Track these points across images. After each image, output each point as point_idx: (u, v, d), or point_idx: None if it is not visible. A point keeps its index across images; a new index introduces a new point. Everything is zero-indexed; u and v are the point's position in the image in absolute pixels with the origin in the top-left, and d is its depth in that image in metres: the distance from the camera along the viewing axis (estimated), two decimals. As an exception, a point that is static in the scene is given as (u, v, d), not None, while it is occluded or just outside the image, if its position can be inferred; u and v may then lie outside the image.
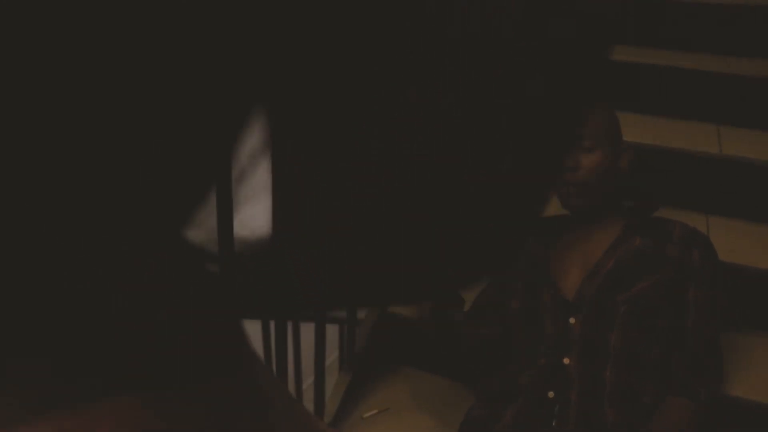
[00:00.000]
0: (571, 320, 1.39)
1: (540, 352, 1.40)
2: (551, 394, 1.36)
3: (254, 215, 0.17)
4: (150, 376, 0.20)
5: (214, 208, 0.17)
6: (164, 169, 0.15)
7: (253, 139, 0.16)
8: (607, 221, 1.46)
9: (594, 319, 1.38)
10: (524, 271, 1.49)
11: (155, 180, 0.15)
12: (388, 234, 0.18)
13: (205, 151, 0.16)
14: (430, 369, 1.81)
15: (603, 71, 0.20)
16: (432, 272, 0.21)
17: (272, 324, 1.70)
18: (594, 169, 1.39)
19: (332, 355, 2.71)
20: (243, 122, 0.15)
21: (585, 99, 0.21)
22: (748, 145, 1.88)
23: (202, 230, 0.18)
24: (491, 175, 0.19)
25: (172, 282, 0.19)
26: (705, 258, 1.40)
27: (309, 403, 1.76)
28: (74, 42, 0.13)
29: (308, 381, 2.21)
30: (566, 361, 1.37)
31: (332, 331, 2.16)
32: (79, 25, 0.13)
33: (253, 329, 1.74)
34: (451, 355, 1.72)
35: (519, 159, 0.20)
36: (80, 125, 0.14)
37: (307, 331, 1.99)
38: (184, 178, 0.16)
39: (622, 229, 1.44)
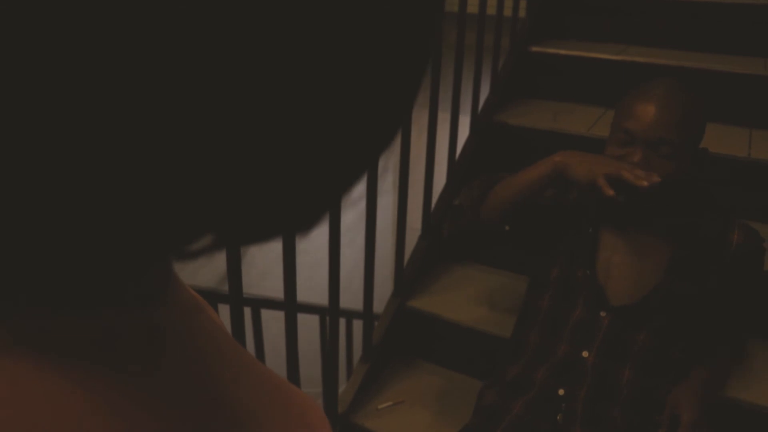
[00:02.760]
0: (602, 313, 1.36)
1: (562, 340, 1.39)
2: (561, 391, 1.37)
3: None
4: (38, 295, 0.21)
5: None
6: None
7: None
8: (662, 229, 1.37)
9: (626, 317, 1.35)
10: (570, 240, 1.44)
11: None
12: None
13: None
14: (446, 363, 1.83)
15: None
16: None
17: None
18: (663, 175, 1.26)
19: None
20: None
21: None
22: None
23: None
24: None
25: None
26: (757, 269, 1.38)
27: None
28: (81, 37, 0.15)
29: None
30: (585, 354, 1.36)
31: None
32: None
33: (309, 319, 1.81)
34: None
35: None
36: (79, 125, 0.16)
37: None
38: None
39: (679, 238, 1.35)
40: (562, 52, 2.20)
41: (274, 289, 3.77)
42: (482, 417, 1.46)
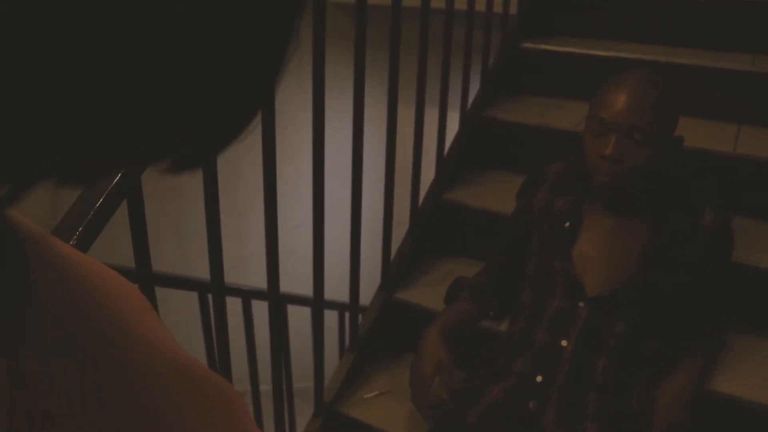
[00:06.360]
0: (580, 304, 1.38)
1: (540, 329, 1.41)
2: (539, 378, 1.39)
3: None
4: None
5: None
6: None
7: None
8: (637, 220, 1.39)
9: (603, 307, 1.37)
10: (540, 221, 1.48)
11: None
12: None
13: None
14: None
15: None
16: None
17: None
18: (637, 164, 1.28)
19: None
20: None
21: None
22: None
23: None
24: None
25: None
26: (727, 249, 1.39)
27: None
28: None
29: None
30: (564, 343, 1.38)
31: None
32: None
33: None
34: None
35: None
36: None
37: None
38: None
39: (652, 228, 1.38)
40: (553, 48, 2.22)
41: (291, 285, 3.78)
42: (459, 400, 1.48)
